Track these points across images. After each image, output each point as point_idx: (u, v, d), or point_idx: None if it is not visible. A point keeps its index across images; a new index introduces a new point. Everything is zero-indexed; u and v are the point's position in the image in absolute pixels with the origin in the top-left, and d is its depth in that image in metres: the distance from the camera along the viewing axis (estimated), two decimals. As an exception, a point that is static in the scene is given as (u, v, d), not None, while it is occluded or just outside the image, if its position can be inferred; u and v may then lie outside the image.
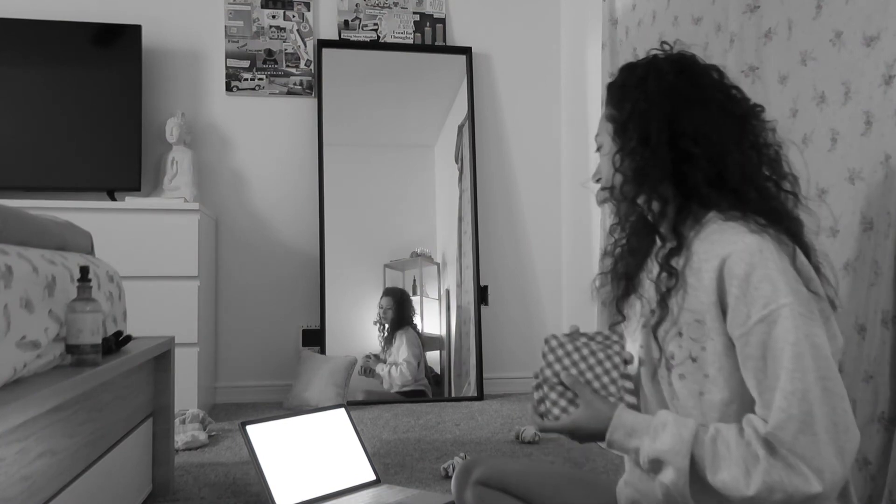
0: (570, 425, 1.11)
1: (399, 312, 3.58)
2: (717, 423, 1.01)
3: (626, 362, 1.17)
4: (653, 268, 1.15)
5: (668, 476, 1.01)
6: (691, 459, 0.99)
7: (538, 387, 1.15)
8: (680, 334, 1.07)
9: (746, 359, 0.98)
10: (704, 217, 1.09)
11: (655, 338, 1.10)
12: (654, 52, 1.17)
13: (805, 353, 0.94)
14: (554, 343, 1.16)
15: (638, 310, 1.18)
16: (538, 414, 1.15)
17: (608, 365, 1.15)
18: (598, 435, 1.09)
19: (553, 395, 1.13)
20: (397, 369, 3.51)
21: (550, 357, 1.15)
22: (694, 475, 0.99)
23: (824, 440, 0.92)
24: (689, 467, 0.98)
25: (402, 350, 3.54)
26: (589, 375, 1.13)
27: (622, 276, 1.21)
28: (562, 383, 1.13)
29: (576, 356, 1.15)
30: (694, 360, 1.05)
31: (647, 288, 1.16)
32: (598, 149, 1.21)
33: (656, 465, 1.02)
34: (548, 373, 1.15)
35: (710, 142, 1.07)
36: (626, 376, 1.15)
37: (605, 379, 1.13)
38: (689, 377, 1.06)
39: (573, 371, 1.15)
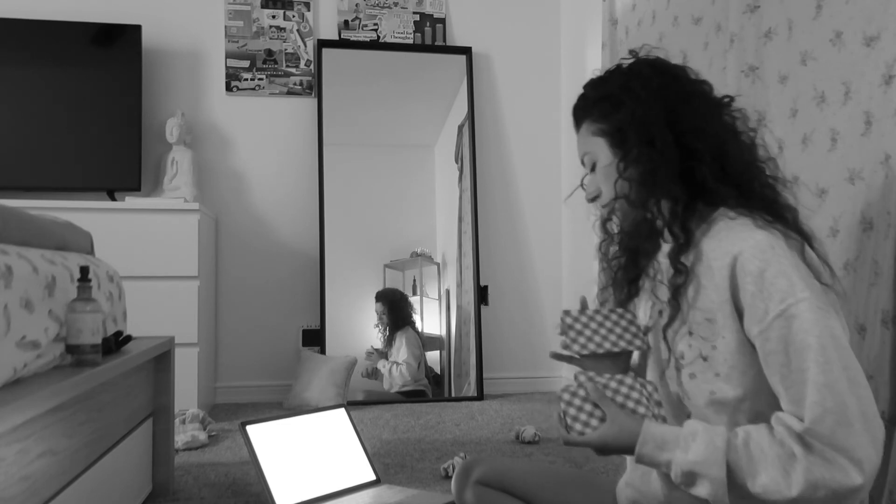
0: (597, 440, 1.05)
1: (394, 315, 3.58)
2: (746, 426, 0.99)
3: (641, 331, 1.17)
4: (659, 269, 1.15)
5: (703, 489, 0.97)
6: (727, 468, 0.95)
7: (565, 390, 1.10)
8: (690, 333, 1.06)
9: (768, 355, 0.97)
10: (711, 215, 1.08)
11: (665, 338, 1.10)
12: (622, 61, 1.18)
13: (828, 346, 0.93)
14: (569, 320, 1.16)
15: (642, 312, 1.18)
16: (563, 426, 1.09)
17: (630, 330, 1.16)
18: (626, 449, 1.04)
19: (585, 409, 1.08)
20: (397, 369, 3.51)
21: (572, 333, 1.15)
22: (731, 483, 0.95)
23: (860, 430, 0.90)
24: (727, 476, 0.95)
25: (401, 351, 3.53)
26: (613, 385, 1.10)
27: (623, 282, 1.21)
28: (588, 397, 1.08)
29: (593, 325, 1.16)
30: (705, 359, 1.04)
31: (654, 290, 1.16)
32: (592, 168, 1.18)
33: (690, 478, 0.98)
34: (575, 347, 1.15)
35: (707, 135, 1.08)
36: (654, 390, 1.11)
37: (635, 395, 1.09)
38: (700, 376, 1.05)
39: (596, 338, 1.14)
